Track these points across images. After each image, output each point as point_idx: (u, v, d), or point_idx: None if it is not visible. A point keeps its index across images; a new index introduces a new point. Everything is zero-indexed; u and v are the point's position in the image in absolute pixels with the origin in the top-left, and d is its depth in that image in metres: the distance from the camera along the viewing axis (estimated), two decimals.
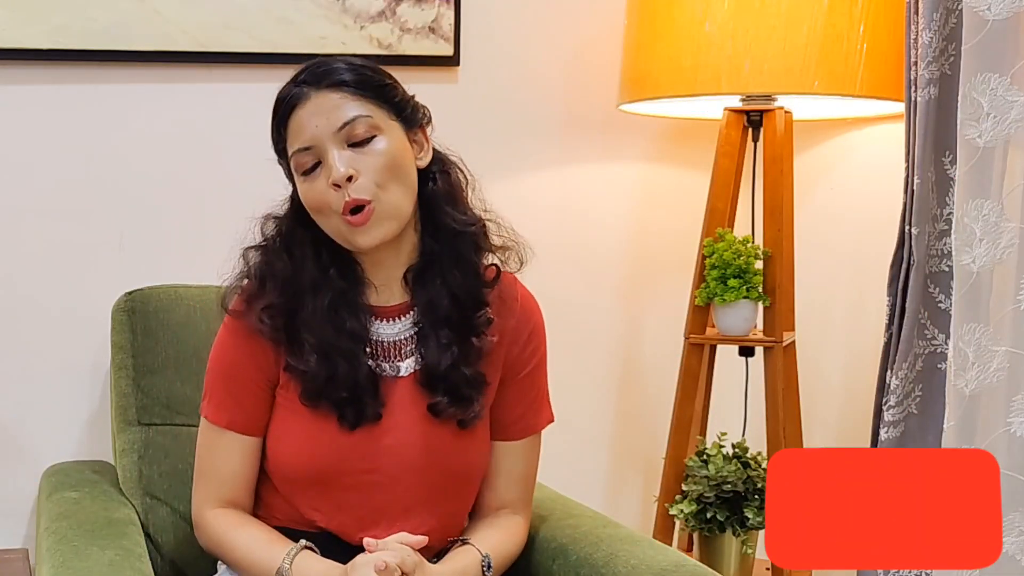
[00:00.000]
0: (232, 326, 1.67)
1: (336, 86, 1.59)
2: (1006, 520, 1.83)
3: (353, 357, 1.63)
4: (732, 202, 2.31)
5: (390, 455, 1.65)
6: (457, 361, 1.65)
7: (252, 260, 1.67)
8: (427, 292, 1.66)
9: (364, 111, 1.59)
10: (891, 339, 2.08)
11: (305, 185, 1.60)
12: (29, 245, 2.18)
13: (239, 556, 1.66)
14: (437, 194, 1.66)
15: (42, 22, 2.13)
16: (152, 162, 2.22)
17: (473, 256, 1.67)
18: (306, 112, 1.59)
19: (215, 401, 1.69)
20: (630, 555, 1.66)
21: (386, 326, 1.68)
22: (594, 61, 2.42)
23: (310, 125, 1.58)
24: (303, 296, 1.63)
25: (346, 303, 1.64)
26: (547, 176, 2.45)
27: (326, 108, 1.58)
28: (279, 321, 1.63)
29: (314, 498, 1.67)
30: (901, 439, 2.07)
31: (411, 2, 2.29)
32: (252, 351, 1.66)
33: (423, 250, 1.67)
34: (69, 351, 2.19)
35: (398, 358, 1.67)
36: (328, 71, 1.60)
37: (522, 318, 1.74)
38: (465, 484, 1.73)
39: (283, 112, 1.61)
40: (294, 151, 1.60)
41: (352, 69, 1.61)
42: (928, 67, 1.97)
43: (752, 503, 2.22)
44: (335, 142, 1.58)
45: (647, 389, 2.54)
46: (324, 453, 1.64)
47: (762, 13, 2.09)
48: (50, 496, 1.92)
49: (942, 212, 2.02)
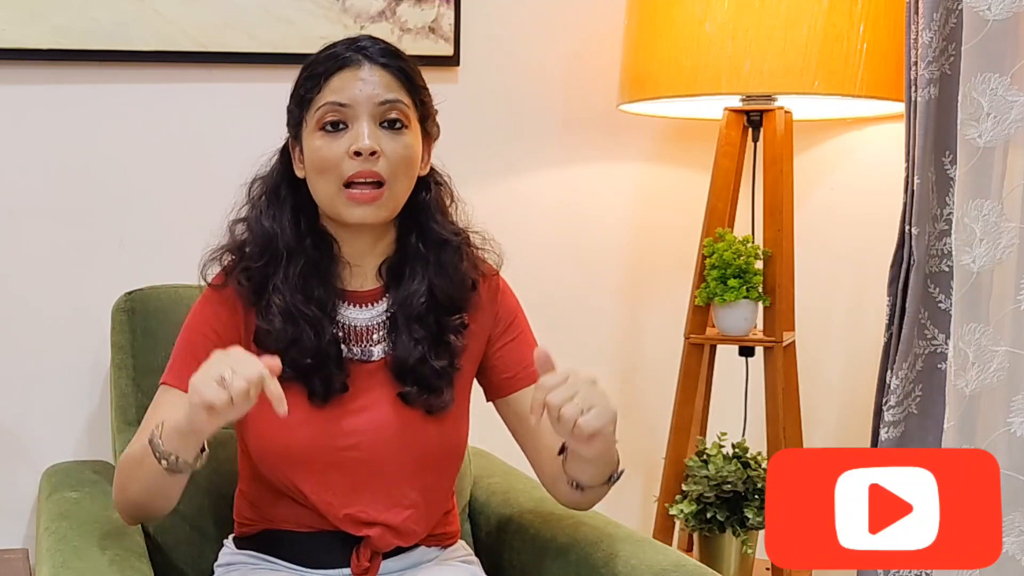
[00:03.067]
0: (208, 295, 1.69)
1: (387, 67, 1.62)
2: (1006, 520, 1.83)
3: (319, 325, 1.64)
4: (732, 202, 2.31)
5: (367, 433, 1.65)
6: (427, 355, 1.67)
7: (239, 234, 1.69)
8: (404, 287, 1.68)
9: (406, 100, 1.63)
10: (891, 339, 2.08)
11: (321, 141, 1.62)
12: (29, 245, 2.18)
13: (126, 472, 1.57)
14: (428, 204, 1.70)
15: (43, 22, 2.13)
16: (152, 162, 2.22)
17: (456, 263, 1.70)
18: (354, 75, 1.61)
19: (174, 370, 1.65)
20: (630, 555, 1.67)
21: (357, 311, 1.70)
22: (594, 61, 2.42)
23: (354, 88, 1.61)
24: (278, 261, 1.65)
25: (317, 273, 1.66)
26: (547, 176, 2.45)
27: (374, 80, 1.61)
28: (255, 284, 1.65)
29: (298, 476, 1.66)
30: (901, 439, 2.07)
31: (411, 2, 2.29)
32: (222, 318, 1.66)
33: (400, 246, 1.70)
34: (69, 351, 2.19)
35: (369, 343, 1.69)
36: (387, 51, 1.63)
37: (502, 313, 1.76)
38: (444, 461, 1.73)
39: (330, 67, 1.62)
40: (327, 102, 1.61)
41: (403, 59, 1.65)
42: (928, 67, 1.97)
43: (752, 503, 2.22)
44: (371, 114, 1.61)
45: (647, 389, 2.54)
46: (299, 431, 1.64)
47: (762, 13, 2.09)
48: (50, 496, 1.92)
49: (942, 212, 2.02)
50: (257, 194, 1.70)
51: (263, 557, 1.72)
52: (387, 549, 1.70)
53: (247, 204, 1.71)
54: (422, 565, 1.74)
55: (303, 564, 1.70)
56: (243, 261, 1.67)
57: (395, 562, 1.72)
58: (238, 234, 1.70)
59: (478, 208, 1.76)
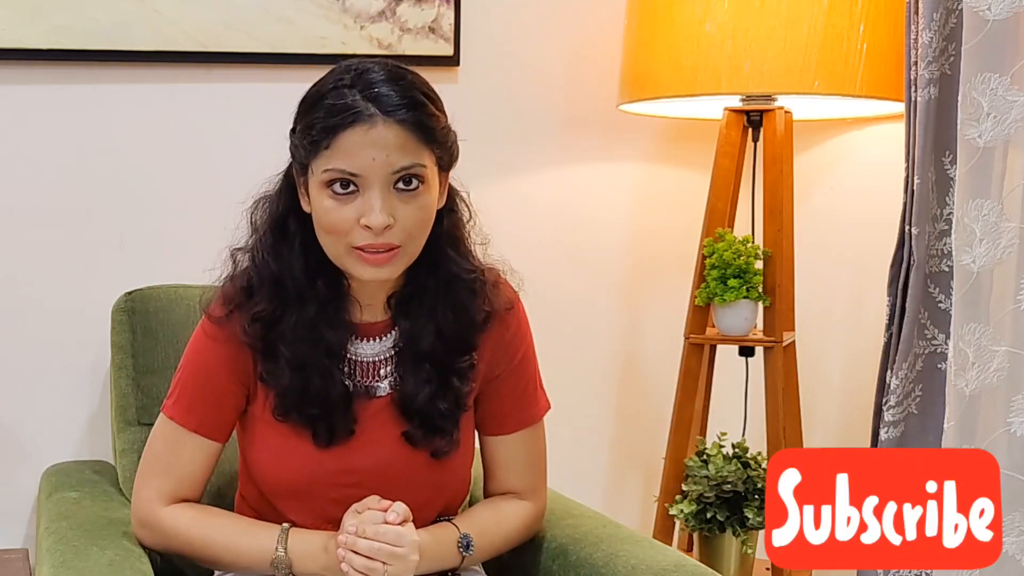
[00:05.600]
0: (211, 331, 1.63)
1: (403, 123, 1.50)
2: (1006, 520, 1.83)
3: (328, 374, 1.61)
4: (732, 202, 2.31)
5: (370, 472, 1.63)
6: (435, 396, 1.63)
7: (240, 263, 1.63)
8: (412, 322, 1.63)
9: (421, 160, 1.52)
10: (891, 339, 2.08)
11: (330, 203, 1.52)
12: (29, 245, 2.18)
13: (217, 550, 1.62)
14: (442, 236, 1.61)
15: (42, 22, 2.13)
16: (152, 162, 2.22)
17: (469, 302, 1.64)
18: (365, 139, 1.49)
19: (184, 403, 1.64)
20: (630, 555, 1.66)
21: (365, 345, 1.65)
22: (594, 61, 2.42)
23: (365, 155, 1.49)
24: (287, 306, 1.60)
25: (327, 318, 1.61)
26: (547, 176, 2.45)
27: (387, 144, 1.49)
28: (259, 330, 1.60)
29: (297, 507, 1.65)
30: (901, 439, 2.07)
31: (411, 2, 2.29)
32: (230, 358, 1.62)
33: (410, 279, 1.63)
34: (69, 351, 2.19)
35: (375, 379, 1.65)
36: (400, 101, 1.50)
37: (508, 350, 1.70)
38: (450, 502, 1.72)
39: (334, 124, 1.49)
40: (335, 167, 1.50)
41: (416, 105, 1.51)
42: (928, 67, 1.97)
43: (752, 503, 2.22)
44: (384, 183, 1.50)
45: (647, 389, 2.54)
46: (300, 468, 1.63)
47: (762, 13, 2.09)
48: (50, 496, 1.93)
49: (942, 212, 2.02)
50: (262, 227, 1.62)
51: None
52: None
53: (251, 235, 1.63)
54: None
55: None
56: (250, 306, 1.60)
57: None
58: (240, 264, 1.63)
59: (478, 208, 1.76)
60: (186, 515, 1.64)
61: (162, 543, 1.67)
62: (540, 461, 1.77)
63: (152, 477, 1.66)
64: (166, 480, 1.65)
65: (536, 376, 1.75)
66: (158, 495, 1.65)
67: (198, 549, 1.64)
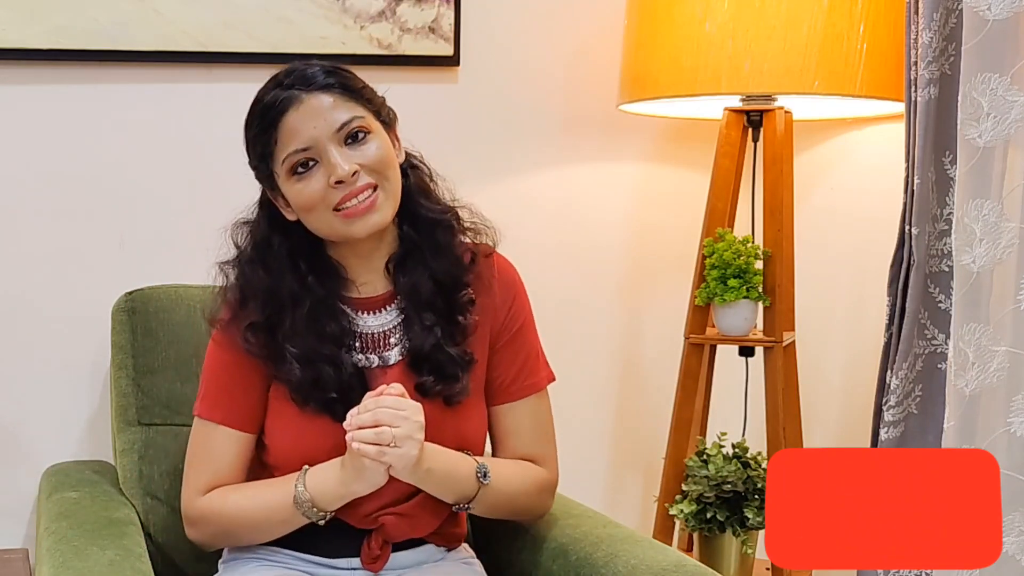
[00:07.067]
0: (220, 338, 1.71)
1: (326, 88, 1.62)
2: (1006, 520, 1.83)
3: (337, 360, 1.67)
4: (732, 202, 2.31)
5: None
6: (441, 341, 1.69)
7: (230, 275, 1.71)
8: (410, 279, 1.71)
9: (357, 112, 1.63)
10: (891, 339, 2.08)
11: (298, 186, 1.63)
12: (29, 245, 2.18)
13: (248, 514, 1.67)
14: (411, 188, 1.72)
15: (43, 22, 2.13)
16: (152, 162, 2.22)
17: (451, 241, 1.72)
18: (300, 115, 1.61)
19: (210, 400, 1.71)
20: (630, 555, 1.66)
21: (371, 318, 1.72)
22: (594, 61, 2.42)
23: (306, 127, 1.61)
24: (283, 310, 1.67)
25: (325, 309, 1.68)
26: (547, 176, 2.45)
27: (321, 110, 1.61)
28: (262, 338, 1.67)
29: None
30: (901, 439, 2.07)
31: (411, 2, 2.29)
32: (248, 358, 1.69)
33: (402, 239, 1.72)
34: (69, 351, 2.19)
35: (385, 348, 1.71)
36: (315, 74, 1.63)
37: (501, 291, 1.77)
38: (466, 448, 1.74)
39: (271, 116, 1.62)
40: (289, 153, 1.62)
41: (335, 72, 1.64)
42: (928, 67, 1.97)
43: (752, 503, 2.22)
44: (334, 142, 1.61)
45: (647, 389, 2.54)
46: (322, 447, 1.66)
47: (762, 13, 2.09)
48: (50, 496, 1.93)
49: (942, 212, 2.02)
50: (247, 252, 1.70)
51: (271, 547, 1.72)
52: (399, 539, 1.71)
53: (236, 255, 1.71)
54: (425, 565, 1.75)
55: (312, 553, 1.71)
56: (245, 316, 1.68)
57: (404, 556, 1.73)
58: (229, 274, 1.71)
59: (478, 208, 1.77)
60: (217, 494, 1.69)
61: (209, 532, 1.71)
62: (548, 431, 1.81)
63: (190, 475, 1.72)
64: (202, 475, 1.70)
65: (538, 345, 1.81)
66: (195, 490, 1.71)
67: (237, 523, 1.68)
